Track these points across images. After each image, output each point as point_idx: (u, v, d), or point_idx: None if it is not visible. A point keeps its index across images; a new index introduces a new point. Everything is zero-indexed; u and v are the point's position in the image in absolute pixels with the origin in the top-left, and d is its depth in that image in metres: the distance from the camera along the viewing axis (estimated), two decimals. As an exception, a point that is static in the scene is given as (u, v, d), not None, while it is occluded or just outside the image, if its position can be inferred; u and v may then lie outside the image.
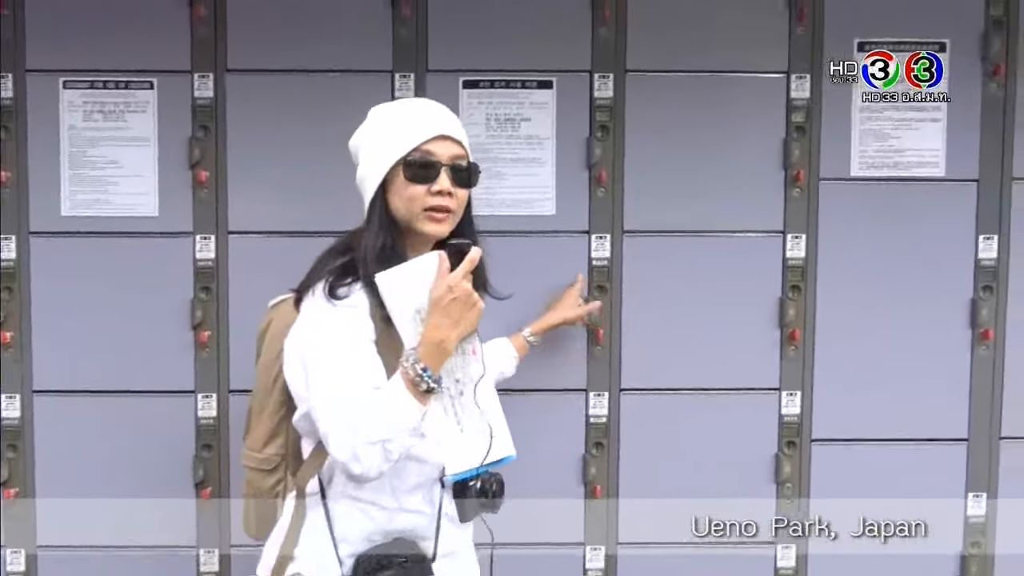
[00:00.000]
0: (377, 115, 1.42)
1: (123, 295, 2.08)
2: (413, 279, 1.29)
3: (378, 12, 2.03)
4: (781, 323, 2.09)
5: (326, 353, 1.28)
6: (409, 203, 1.34)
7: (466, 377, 1.35)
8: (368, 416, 1.23)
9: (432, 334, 1.26)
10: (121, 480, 2.07)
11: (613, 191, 2.08)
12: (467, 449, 1.36)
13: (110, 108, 2.05)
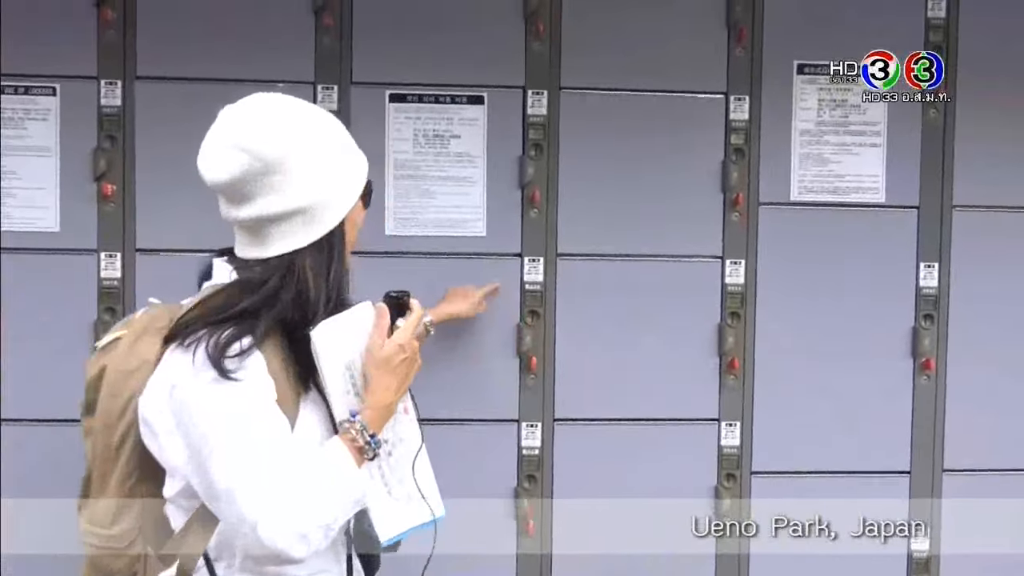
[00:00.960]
0: (322, 124, 1.18)
1: (22, 315, 1.92)
2: (347, 333, 1.16)
3: (300, 20, 1.93)
4: (720, 351, 2.01)
5: (232, 434, 1.08)
6: (356, 231, 1.22)
7: (395, 437, 1.23)
8: (315, 496, 1.08)
9: (381, 398, 1.15)
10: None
11: (547, 212, 1.99)
12: (398, 511, 1.22)
13: (8, 115, 1.91)
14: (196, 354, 1.09)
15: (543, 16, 1.96)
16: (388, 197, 1.96)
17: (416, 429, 1.26)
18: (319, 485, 1.10)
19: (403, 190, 1.97)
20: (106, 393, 1.18)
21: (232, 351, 1.09)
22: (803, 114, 2.02)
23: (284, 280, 1.13)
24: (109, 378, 1.17)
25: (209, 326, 1.10)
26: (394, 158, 1.96)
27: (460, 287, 1.93)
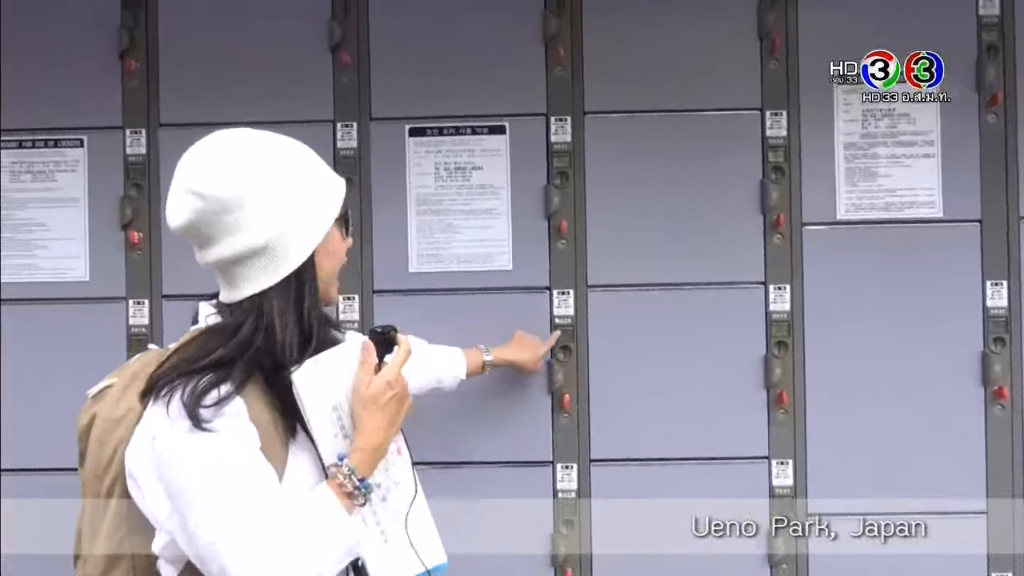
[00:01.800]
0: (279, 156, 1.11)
1: (55, 365, 1.94)
2: (332, 373, 1.10)
3: (317, 59, 1.91)
4: (767, 383, 1.88)
5: (215, 482, 1.02)
6: (339, 261, 1.16)
7: (389, 480, 1.17)
8: (302, 548, 1.03)
9: (370, 438, 1.09)
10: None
11: (575, 243, 1.91)
12: (396, 559, 1.16)
13: (39, 168, 1.94)
14: (171, 405, 1.04)
15: (563, 40, 1.90)
16: (410, 233, 1.92)
17: (410, 474, 1.18)
18: (306, 535, 1.03)
19: (426, 225, 1.91)
20: (95, 443, 1.14)
21: (209, 399, 1.04)
22: (846, 127, 1.89)
23: (256, 324, 1.08)
24: (98, 427, 1.13)
25: (184, 375, 1.06)
26: (416, 193, 1.92)
27: (527, 335, 1.85)
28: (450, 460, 1.90)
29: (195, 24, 1.94)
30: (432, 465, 1.88)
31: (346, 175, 1.87)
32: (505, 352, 1.81)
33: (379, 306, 1.92)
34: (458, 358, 1.72)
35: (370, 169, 1.92)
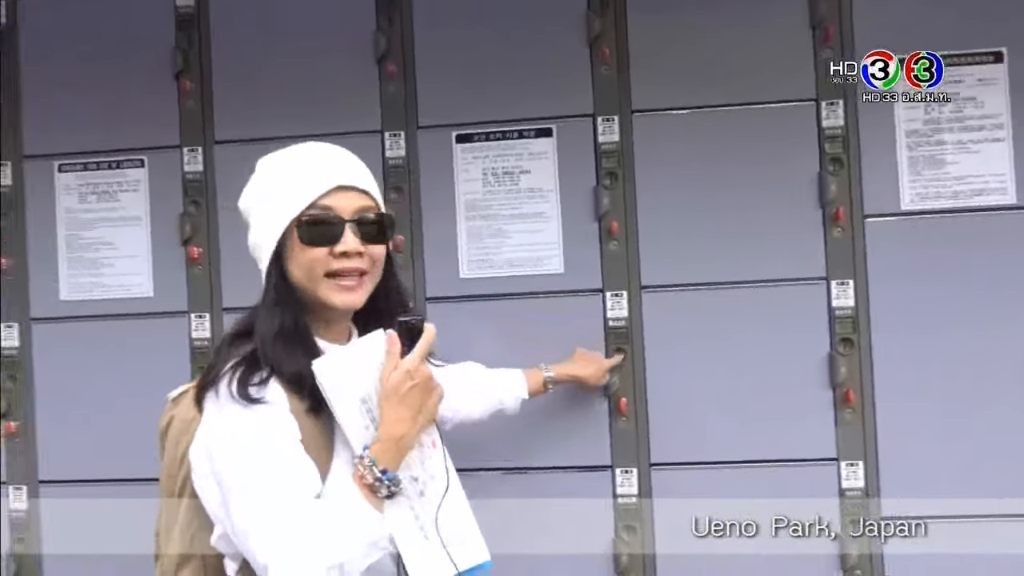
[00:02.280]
0: (264, 169, 1.20)
1: (123, 379, 2.00)
2: (357, 364, 1.12)
3: (364, 70, 1.93)
4: (833, 382, 1.81)
5: (249, 468, 1.07)
6: (309, 270, 1.14)
7: (426, 474, 1.17)
8: (320, 537, 1.03)
9: (392, 430, 1.10)
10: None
11: (627, 244, 1.87)
12: (435, 558, 1.15)
13: (103, 189, 2.01)
14: (220, 393, 1.10)
15: (608, 40, 1.87)
16: (460, 239, 1.92)
17: (443, 468, 1.17)
18: (327, 527, 1.05)
19: (475, 231, 1.91)
20: (171, 443, 1.20)
21: (253, 380, 1.10)
22: (908, 113, 1.81)
23: None
24: (174, 428, 1.20)
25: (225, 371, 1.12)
26: (464, 199, 1.92)
27: (587, 351, 1.83)
28: (511, 466, 1.90)
29: (245, 43, 1.98)
30: (493, 471, 1.89)
31: (395, 184, 1.92)
32: (567, 368, 1.79)
33: (432, 313, 1.92)
34: (518, 379, 1.71)
35: (419, 177, 1.93)
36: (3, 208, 2.04)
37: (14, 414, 2.04)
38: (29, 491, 2.05)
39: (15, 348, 2.04)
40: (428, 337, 1.14)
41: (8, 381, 2.04)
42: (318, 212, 1.14)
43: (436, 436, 1.19)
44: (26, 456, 2.05)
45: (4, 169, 2.04)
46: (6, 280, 2.04)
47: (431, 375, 1.13)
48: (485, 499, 1.86)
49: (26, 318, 2.04)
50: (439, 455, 1.18)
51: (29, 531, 2.04)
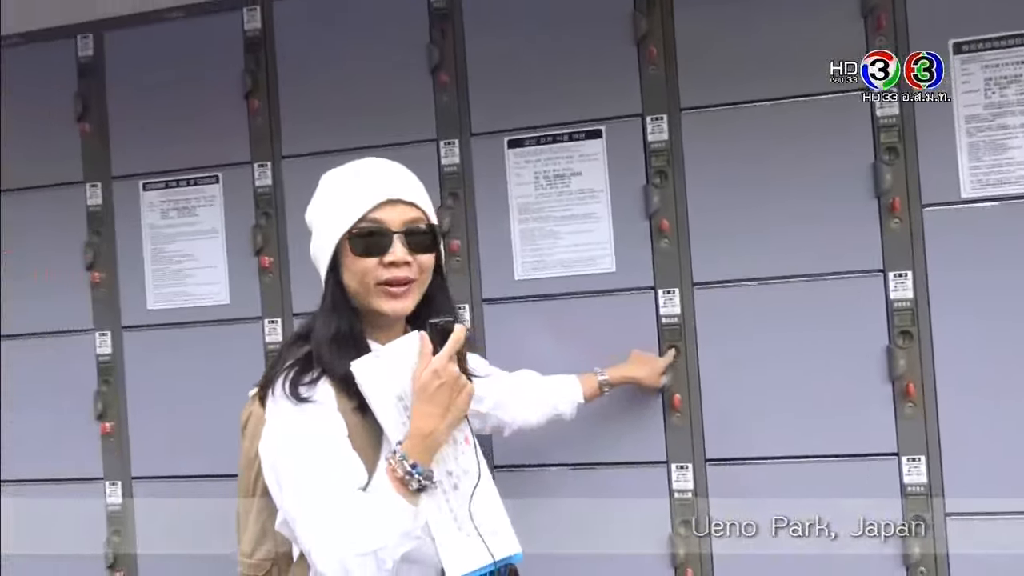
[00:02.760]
0: (324, 184, 1.31)
1: (203, 381, 2.14)
2: (393, 364, 1.19)
3: (419, 82, 2.01)
4: (891, 376, 1.78)
5: (297, 460, 1.16)
6: (361, 279, 1.23)
7: (460, 469, 1.23)
8: (355, 524, 1.11)
9: (421, 425, 1.16)
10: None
11: (678, 241, 1.89)
12: (468, 549, 1.21)
13: (183, 204, 2.16)
14: (275, 392, 1.20)
15: (655, 39, 1.89)
16: (514, 242, 1.97)
17: (475, 462, 1.22)
18: (363, 517, 1.12)
19: (528, 233, 1.96)
20: (248, 436, 1.30)
21: (304, 379, 1.19)
22: (967, 98, 1.77)
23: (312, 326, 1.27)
24: (251, 423, 1.30)
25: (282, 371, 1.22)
26: (517, 203, 1.97)
27: (643, 352, 1.86)
28: (569, 462, 1.94)
29: (307, 62, 2.08)
30: (552, 467, 1.93)
31: (450, 190, 1.99)
32: (622, 371, 1.81)
33: (488, 314, 1.98)
34: (574, 385, 1.75)
35: (473, 183, 1.99)
36: (94, 226, 2.21)
37: (109, 415, 2.21)
38: (123, 487, 2.21)
39: (108, 355, 2.21)
40: (456, 337, 1.19)
41: (103, 385, 2.21)
42: (368, 225, 1.23)
43: (468, 432, 1.25)
44: (120, 454, 2.21)
45: (94, 189, 2.21)
46: (99, 292, 2.21)
47: (459, 374, 1.19)
48: (544, 497, 1.93)
49: (118, 326, 2.21)
50: (471, 450, 1.24)
51: (124, 524, 2.20)
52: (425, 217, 1.28)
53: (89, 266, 2.20)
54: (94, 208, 2.21)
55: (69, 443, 2.23)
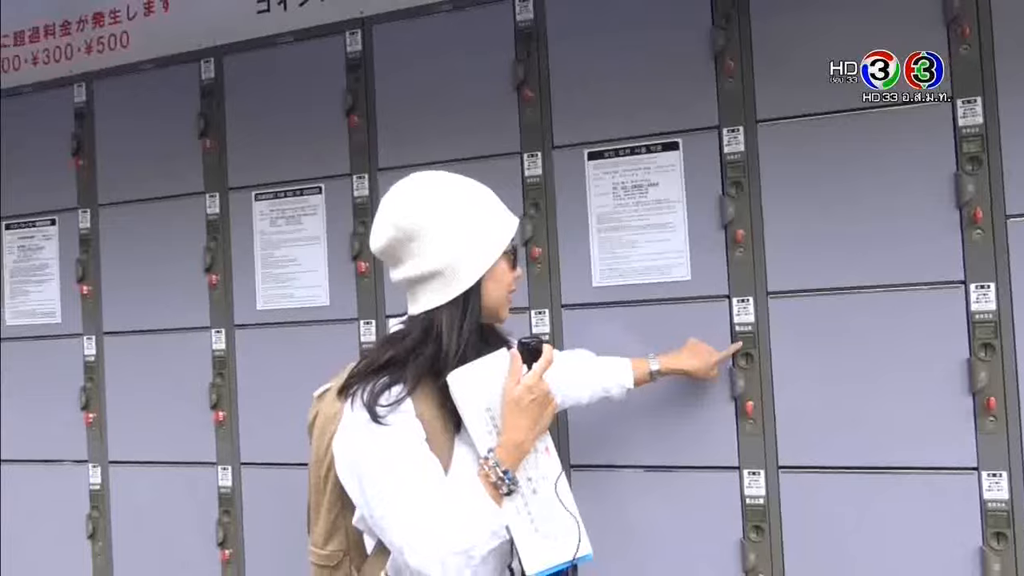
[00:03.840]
0: (460, 197, 1.32)
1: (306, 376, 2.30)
2: (485, 378, 1.28)
3: (504, 98, 2.12)
4: (972, 389, 1.75)
5: (385, 466, 1.24)
6: (507, 288, 1.36)
7: (538, 475, 1.31)
8: (451, 525, 1.21)
9: (513, 436, 1.26)
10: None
11: (752, 250, 1.92)
12: (544, 547, 1.29)
13: (290, 213, 2.34)
14: (355, 402, 1.28)
15: (732, 53, 1.94)
16: (593, 250, 2.05)
17: (554, 471, 1.31)
18: (455, 515, 1.21)
19: (607, 242, 2.04)
20: (316, 434, 1.40)
21: (384, 399, 1.26)
22: (1057, 106, 1.73)
23: (424, 334, 1.30)
24: (319, 422, 1.40)
25: (364, 377, 1.29)
26: (596, 213, 2.05)
27: (700, 342, 1.90)
28: (640, 464, 2.00)
29: (402, 81, 2.23)
30: (627, 468, 2.00)
31: (533, 200, 2.09)
32: (674, 361, 1.86)
33: (567, 319, 2.07)
34: (624, 368, 1.81)
35: (554, 193, 2.09)
36: (212, 232, 2.43)
37: (221, 405, 2.42)
38: (233, 471, 2.42)
39: (222, 350, 2.42)
40: (547, 356, 1.29)
41: (217, 378, 2.42)
42: (515, 243, 1.38)
43: (549, 443, 1.34)
44: (231, 441, 2.42)
45: (213, 199, 2.43)
46: (216, 293, 2.43)
47: (548, 391, 1.28)
48: (617, 498, 2.00)
49: (231, 325, 2.42)
50: (550, 459, 1.32)
51: (233, 505, 2.41)
52: None
53: (207, 269, 2.42)
54: (212, 216, 2.43)
55: (185, 430, 2.46)
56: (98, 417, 2.59)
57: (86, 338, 2.62)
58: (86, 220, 2.61)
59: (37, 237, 2.69)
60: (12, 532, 2.72)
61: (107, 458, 2.59)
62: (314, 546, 1.43)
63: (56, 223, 2.67)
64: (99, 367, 2.59)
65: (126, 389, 2.56)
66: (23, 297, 2.72)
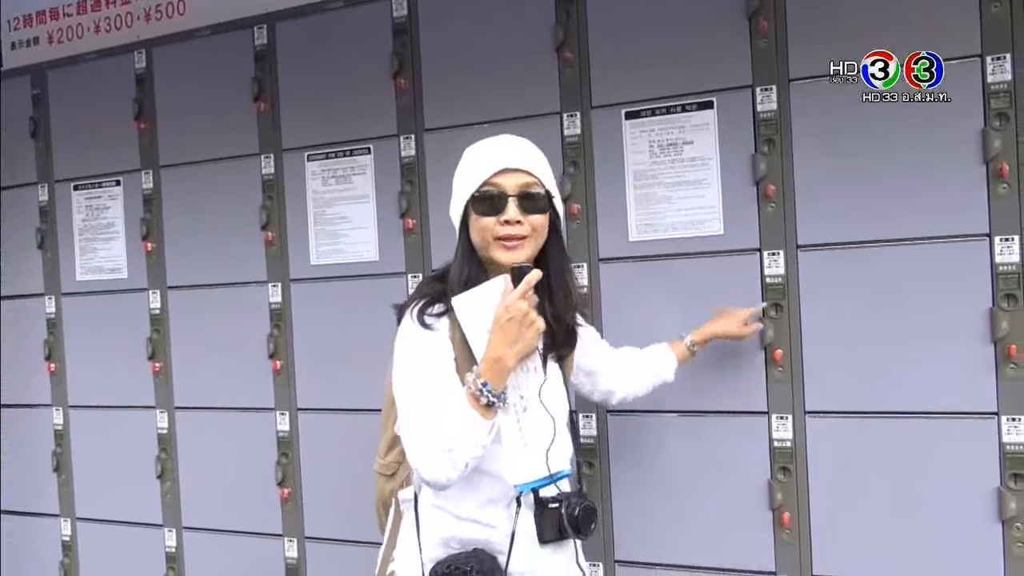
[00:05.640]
0: (463, 155, 1.53)
1: (357, 328, 2.46)
2: (483, 301, 1.40)
3: (545, 59, 2.20)
4: (994, 338, 1.83)
5: (408, 369, 1.42)
6: (482, 233, 1.46)
7: (530, 393, 1.42)
8: (436, 426, 1.35)
9: (491, 351, 1.36)
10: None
11: (783, 205, 2.00)
12: (528, 461, 1.40)
13: (340, 173, 2.47)
14: (408, 315, 1.47)
15: (766, 12, 1.99)
16: (629, 206, 2.14)
17: (560, 391, 1.46)
18: (438, 418, 1.35)
19: (642, 199, 2.13)
20: (392, 358, 1.55)
21: (429, 312, 1.44)
22: (1085, 63, 1.77)
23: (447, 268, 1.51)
24: (395, 345, 1.53)
25: (416, 297, 1.49)
26: (632, 170, 2.14)
27: (726, 307, 1.99)
28: (675, 409, 2.11)
29: (447, 45, 2.33)
30: (666, 413, 2.11)
31: (572, 159, 2.19)
32: (705, 330, 1.96)
33: (604, 272, 2.17)
34: (666, 353, 1.92)
35: (592, 152, 2.18)
36: (268, 192, 2.56)
37: (279, 355, 2.57)
38: (291, 417, 2.59)
39: (279, 303, 2.58)
40: (528, 279, 1.37)
41: (275, 329, 2.58)
42: (488, 189, 1.46)
43: (538, 363, 1.45)
44: (288, 388, 2.58)
45: (267, 160, 2.57)
46: (272, 250, 2.57)
47: (527, 310, 1.36)
48: (653, 441, 2.12)
49: (287, 279, 2.57)
50: (539, 379, 1.44)
51: (291, 447, 2.58)
52: (540, 183, 1.48)
53: (263, 226, 2.57)
54: (267, 177, 2.56)
55: (244, 378, 2.63)
56: (164, 366, 2.77)
57: (151, 292, 2.79)
58: (149, 181, 2.77)
59: (103, 197, 2.86)
60: (86, 474, 2.94)
61: (173, 404, 2.77)
62: (379, 456, 1.63)
63: (121, 183, 2.83)
64: (164, 319, 2.77)
65: (189, 340, 2.73)
66: (91, 255, 2.89)
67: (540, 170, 1.50)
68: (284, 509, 2.60)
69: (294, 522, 2.59)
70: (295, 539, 2.59)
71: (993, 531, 1.84)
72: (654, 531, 2.14)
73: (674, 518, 2.12)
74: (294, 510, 2.59)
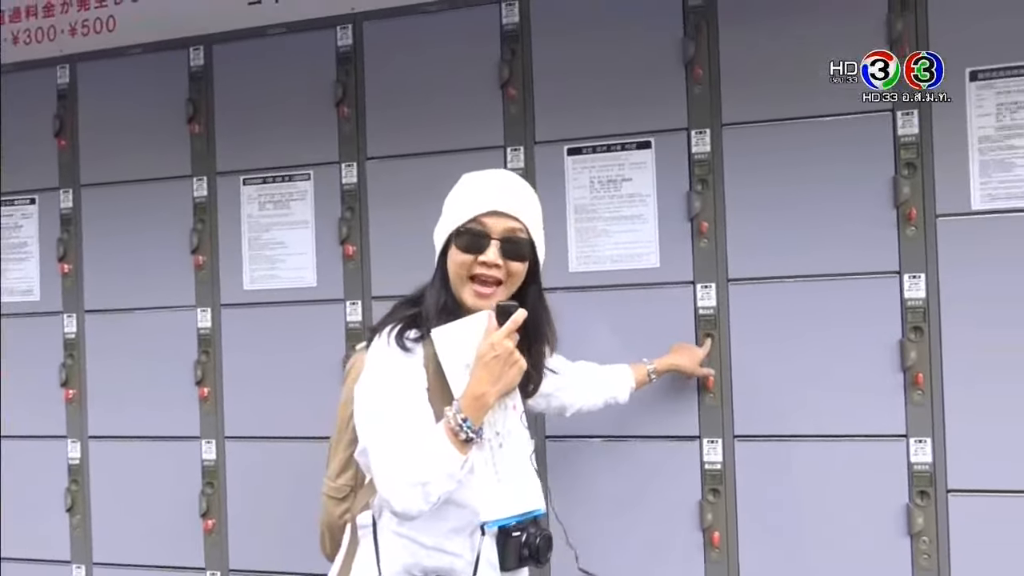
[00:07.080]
0: (460, 182, 1.53)
1: (291, 354, 2.43)
2: (464, 335, 1.41)
3: (489, 95, 2.27)
4: (903, 366, 2.00)
5: (379, 398, 1.39)
6: (457, 268, 1.45)
7: (505, 430, 1.44)
8: (411, 458, 1.33)
9: (473, 388, 1.37)
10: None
11: (716, 241, 2.13)
12: (502, 498, 1.42)
13: (278, 198, 2.45)
14: (381, 336, 1.45)
15: (701, 60, 2.13)
16: (570, 238, 2.23)
17: (523, 429, 1.47)
18: (416, 452, 1.34)
19: (583, 232, 2.22)
20: (350, 380, 1.56)
21: (406, 335, 1.44)
22: (980, 120, 1.98)
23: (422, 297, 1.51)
24: (354, 370, 1.55)
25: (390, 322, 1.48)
26: (573, 204, 2.23)
27: (684, 343, 2.09)
28: (610, 434, 2.19)
29: (392, 75, 2.36)
30: (596, 438, 2.19)
31: (513, 192, 2.23)
32: (667, 360, 2.05)
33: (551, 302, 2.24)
34: (626, 373, 1.99)
35: (536, 185, 2.23)
36: (199, 215, 2.51)
37: (207, 381, 2.51)
38: (217, 445, 2.52)
39: (208, 328, 2.52)
40: (515, 318, 1.39)
41: (202, 355, 2.52)
42: (473, 226, 1.45)
43: (518, 401, 1.48)
44: (215, 416, 2.52)
45: (200, 183, 2.52)
46: (201, 274, 2.52)
47: (512, 350, 1.38)
48: (589, 466, 2.19)
49: (217, 304, 2.51)
50: (517, 416, 1.47)
51: (217, 477, 2.51)
52: (525, 230, 1.48)
53: (193, 250, 2.51)
54: (199, 200, 2.52)
55: (170, 406, 2.54)
56: (78, 393, 2.65)
57: (66, 315, 2.67)
58: (68, 200, 2.66)
59: (16, 216, 2.72)
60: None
61: (87, 433, 2.65)
62: (328, 478, 1.61)
63: (36, 202, 2.71)
64: (79, 344, 2.65)
65: (108, 366, 2.63)
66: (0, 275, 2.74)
67: (529, 217, 1.49)
68: (207, 541, 2.52)
69: (217, 555, 2.51)
70: (218, 572, 2.51)
71: (902, 545, 2.00)
72: (588, 550, 2.20)
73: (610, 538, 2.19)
74: (218, 542, 2.51)
